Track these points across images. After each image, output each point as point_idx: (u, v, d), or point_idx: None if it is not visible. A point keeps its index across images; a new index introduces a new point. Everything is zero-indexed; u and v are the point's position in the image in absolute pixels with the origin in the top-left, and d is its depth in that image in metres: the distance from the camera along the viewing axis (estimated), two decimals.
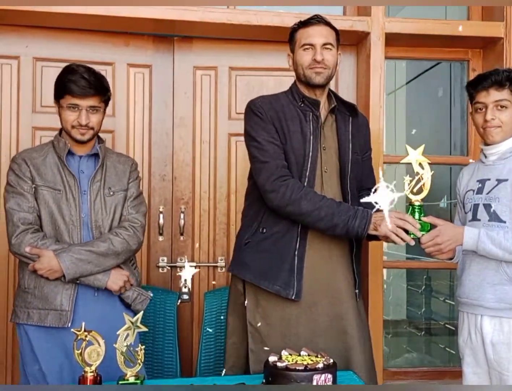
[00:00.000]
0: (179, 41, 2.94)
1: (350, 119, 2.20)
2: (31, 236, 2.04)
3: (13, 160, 2.14)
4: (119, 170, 2.20)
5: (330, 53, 2.12)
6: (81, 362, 1.69)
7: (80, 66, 2.11)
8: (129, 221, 2.16)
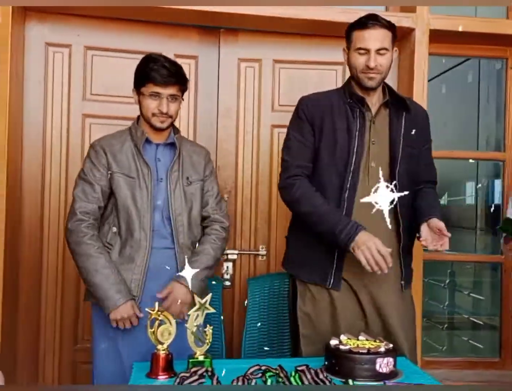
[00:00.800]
0: (225, 33, 3.00)
1: (404, 113, 2.22)
2: (81, 230, 2.10)
3: (91, 147, 2.22)
4: (195, 161, 2.27)
5: (384, 57, 2.13)
6: (154, 340, 1.77)
7: (161, 56, 2.18)
8: (219, 221, 2.27)
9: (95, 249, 2.09)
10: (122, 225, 2.14)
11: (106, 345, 2.12)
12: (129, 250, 2.11)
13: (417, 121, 2.25)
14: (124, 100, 2.86)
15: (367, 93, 2.21)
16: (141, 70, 2.17)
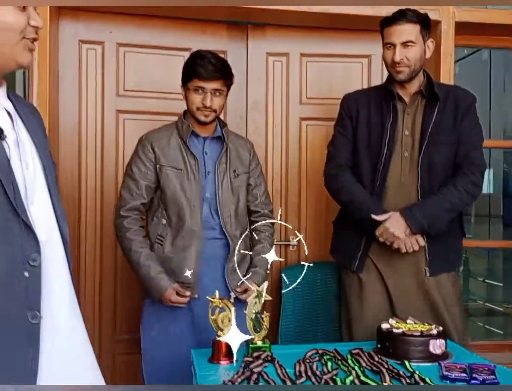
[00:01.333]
0: (253, 29, 3.05)
1: (439, 102, 2.27)
2: (125, 226, 2.21)
3: (139, 142, 2.29)
4: (241, 154, 2.35)
5: (411, 50, 2.22)
6: (215, 327, 1.84)
7: (208, 52, 2.24)
8: (267, 216, 2.38)
9: (136, 243, 2.18)
10: (172, 216, 2.21)
11: (155, 333, 2.20)
12: (182, 240, 2.18)
13: (457, 108, 2.27)
14: (156, 95, 2.93)
15: (403, 85, 2.29)
16: (188, 66, 2.24)
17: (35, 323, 1.18)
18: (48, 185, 1.27)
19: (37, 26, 1.22)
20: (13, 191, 1.16)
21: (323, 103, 3.06)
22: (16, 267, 1.16)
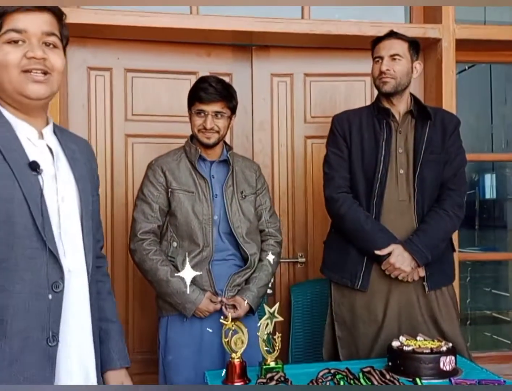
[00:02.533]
0: (257, 50, 3.11)
1: (429, 121, 2.35)
2: (144, 248, 2.23)
3: (149, 167, 2.34)
4: (247, 175, 2.40)
5: (397, 63, 2.31)
6: (228, 349, 1.87)
7: (211, 76, 2.33)
8: (273, 235, 2.40)
9: (160, 262, 2.21)
10: (184, 238, 2.25)
11: (173, 356, 2.22)
12: (193, 261, 2.21)
13: (445, 128, 2.36)
14: (163, 119, 3.00)
15: (392, 103, 2.35)
16: (191, 91, 2.31)
17: (52, 346, 1.25)
18: (81, 218, 1.36)
19: (32, 56, 1.27)
20: (42, 222, 1.24)
21: (327, 122, 3.05)
22: (40, 292, 1.24)
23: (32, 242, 1.23)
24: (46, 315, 1.24)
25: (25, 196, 1.22)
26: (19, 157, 1.26)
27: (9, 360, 1.21)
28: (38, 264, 1.24)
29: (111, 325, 1.55)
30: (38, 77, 1.28)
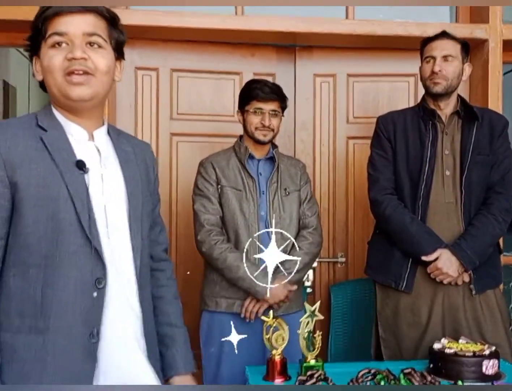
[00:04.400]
0: (300, 51, 3.13)
1: (476, 122, 2.32)
2: (212, 238, 2.30)
3: (200, 164, 2.42)
4: (292, 173, 2.45)
5: (450, 64, 2.29)
6: (269, 346, 1.90)
7: (262, 79, 2.42)
8: (306, 226, 2.41)
9: (229, 249, 2.28)
10: (230, 235, 2.33)
11: (215, 349, 2.27)
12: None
13: (493, 129, 2.33)
14: (207, 118, 3.05)
15: (439, 105, 2.33)
16: (246, 91, 2.38)
17: (94, 342, 1.27)
18: (129, 218, 1.37)
19: (72, 57, 1.28)
20: (88, 220, 1.27)
21: (370, 122, 3.06)
22: (84, 288, 1.27)
23: (77, 239, 1.26)
24: (89, 311, 1.27)
25: (70, 193, 1.25)
26: (67, 157, 1.29)
27: (53, 354, 1.24)
28: (82, 260, 1.26)
29: (176, 329, 1.55)
30: (77, 79, 1.28)
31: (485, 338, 2.21)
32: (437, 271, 2.22)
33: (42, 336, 1.24)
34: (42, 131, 1.31)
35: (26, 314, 1.24)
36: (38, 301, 1.23)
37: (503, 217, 2.27)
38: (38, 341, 1.24)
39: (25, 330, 1.24)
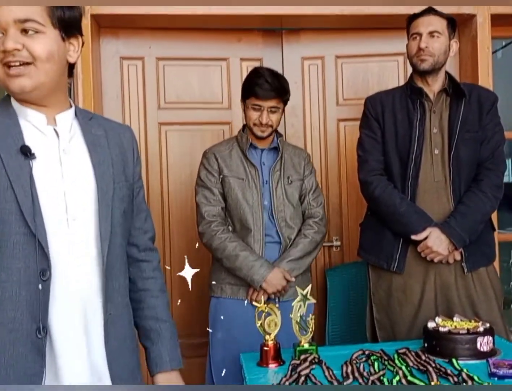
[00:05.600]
0: (287, 34, 3.09)
1: (464, 99, 2.29)
2: (212, 229, 2.32)
3: (203, 155, 2.42)
4: (296, 162, 2.45)
5: (436, 40, 2.26)
6: (262, 331, 1.89)
7: (266, 70, 2.37)
8: (312, 216, 2.43)
9: (228, 239, 2.30)
10: (236, 223, 2.35)
11: (222, 335, 2.30)
12: (246, 244, 2.31)
13: (481, 106, 2.30)
14: (195, 106, 3.02)
15: (427, 82, 2.30)
16: (247, 83, 2.36)
17: (40, 338, 1.20)
18: (99, 205, 1.30)
19: (4, 49, 1.19)
20: (31, 208, 1.19)
21: (360, 104, 3.01)
22: (29, 280, 1.20)
23: (20, 228, 1.18)
24: (35, 304, 1.20)
25: (10, 182, 1.19)
26: (13, 144, 1.22)
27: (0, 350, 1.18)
28: (26, 250, 1.19)
29: (162, 324, 1.47)
30: (15, 70, 1.20)
31: (479, 316, 2.19)
32: (427, 250, 2.21)
33: None
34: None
35: None
36: None
37: (494, 193, 2.25)
38: None
39: None
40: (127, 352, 1.38)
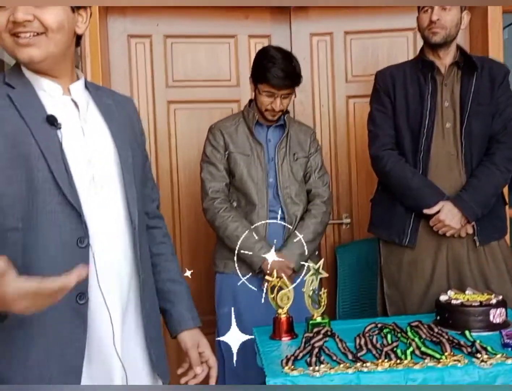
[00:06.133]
0: (296, 10, 3.06)
1: (475, 72, 2.27)
2: (215, 206, 2.33)
3: (209, 130, 2.41)
4: (301, 139, 2.45)
5: (448, 13, 2.23)
6: (274, 305, 1.90)
7: (278, 52, 2.31)
8: (319, 195, 2.42)
9: (230, 218, 2.30)
10: (241, 199, 2.36)
11: (228, 309, 2.30)
12: (250, 220, 2.31)
13: (493, 78, 2.28)
14: (204, 84, 3.01)
15: (438, 55, 2.28)
16: (259, 67, 2.31)
17: (82, 304, 1.21)
18: (121, 170, 1.31)
19: (12, 20, 1.18)
20: (65, 176, 1.20)
21: (369, 80, 2.99)
22: (66, 247, 1.20)
23: (53, 197, 1.19)
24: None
25: (42, 151, 1.19)
26: (36, 113, 1.22)
27: (40, 320, 1.18)
28: (61, 219, 1.20)
29: (178, 285, 1.50)
30: (24, 40, 1.20)
31: (491, 289, 2.19)
32: (440, 224, 2.20)
33: None
34: (10, 89, 1.24)
35: None
36: (19, 265, 1.15)
37: (506, 166, 2.24)
38: None
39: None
40: (156, 314, 1.43)
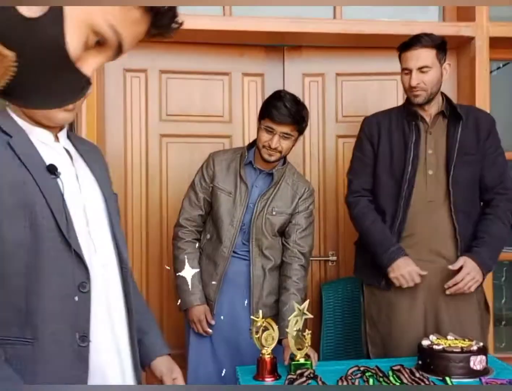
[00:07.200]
0: (289, 50, 3.14)
1: (461, 122, 2.34)
2: (180, 235, 2.37)
3: (208, 157, 2.44)
4: (289, 195, 2.37)
5: (427, 75, 2.28)
6: (259, 345, 1.91)
7: (287, 95, 2.29)
8: (297, 257, 2.33)
9: (184, 253, 2.33)
10: (213, 233, 2.36)
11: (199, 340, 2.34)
12: (215, 256, 2.33)
13: (479, 128, 2.35)
14: (197, 119, 3.06)
15: (423, 108, 2.36)
16: (266, 104, 2.31)
17: (84, 346, 1.24)
18: (109, 214, 1.37)
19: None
20: (66, 224, 1.24)
21: (359, 121, 3.09)
22: (67, 293, 1.23)
23: (56, 244, 1.23)
24: (75, 315, 1.24)
25: (46, 200, 1.22)
26: (37, 162, 1.26)
27: (43, 363, 1.21)
28: (63, 265, 1.23)
29: (147, 315, 1.57)
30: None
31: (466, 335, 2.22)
32: (468, 276, 2.18)
33: (31, 345, 1.20)
34: (8, 137, 1.26)
35: (11, 324, 1.20)
36: (23, 310, 1.19)
37: (508, 219, 2.32)
38: (27, 351, 1.20)
39: (12, 340, 1.20)
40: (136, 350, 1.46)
